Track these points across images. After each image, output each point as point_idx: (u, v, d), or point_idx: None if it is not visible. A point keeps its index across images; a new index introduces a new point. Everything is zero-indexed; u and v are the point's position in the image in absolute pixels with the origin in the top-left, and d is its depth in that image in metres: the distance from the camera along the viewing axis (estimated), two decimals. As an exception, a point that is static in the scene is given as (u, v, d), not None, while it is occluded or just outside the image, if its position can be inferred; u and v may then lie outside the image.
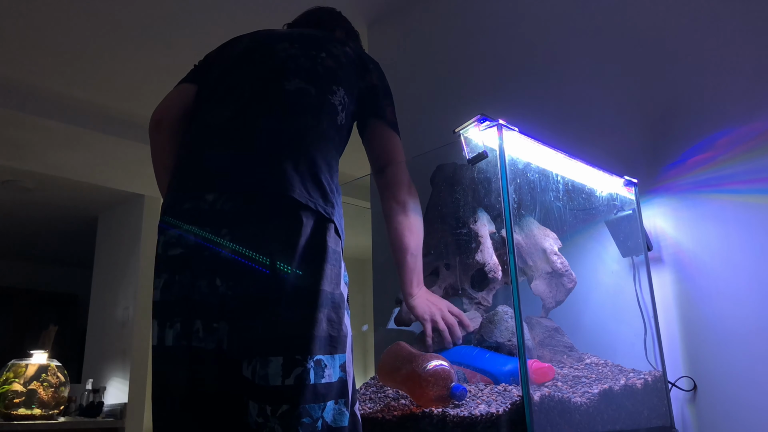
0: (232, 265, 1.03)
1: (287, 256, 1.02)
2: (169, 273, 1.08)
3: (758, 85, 1.50)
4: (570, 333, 1.50)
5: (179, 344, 1.04)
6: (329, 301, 1.04)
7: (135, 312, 4.12)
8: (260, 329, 1.01)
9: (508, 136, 1.27)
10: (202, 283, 1.05)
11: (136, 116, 3.43)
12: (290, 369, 0.98)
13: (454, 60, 2.28)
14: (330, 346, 1.02)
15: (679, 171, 1.60)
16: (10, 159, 3.69)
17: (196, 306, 1.04)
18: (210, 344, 1.03)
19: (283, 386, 0.97)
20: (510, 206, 1.20)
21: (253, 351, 1.00)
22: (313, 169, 1.10)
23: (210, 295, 1.04)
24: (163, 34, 2.66)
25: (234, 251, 1.03)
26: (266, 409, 0.97)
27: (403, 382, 1.28)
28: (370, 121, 1.35)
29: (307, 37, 1.32)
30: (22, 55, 2.80)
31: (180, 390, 1.04)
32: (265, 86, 1.19)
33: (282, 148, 1.10)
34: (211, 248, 1.04)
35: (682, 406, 1.49)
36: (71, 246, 5.60)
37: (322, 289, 1.03)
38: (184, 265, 1.07)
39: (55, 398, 3.48)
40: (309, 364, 0.98)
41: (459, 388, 1.17)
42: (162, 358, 1.07)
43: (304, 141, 1.13)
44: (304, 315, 1.01)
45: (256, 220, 1.05)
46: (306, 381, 0.97)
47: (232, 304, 1.03)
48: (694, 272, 1.54)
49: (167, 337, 1.06)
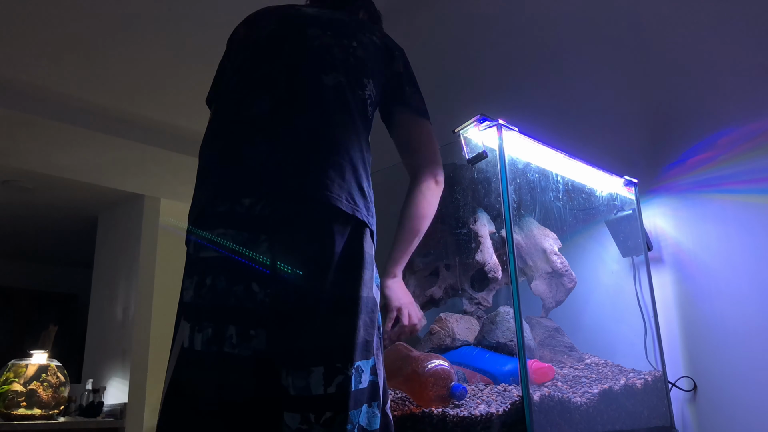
0: (271, 272, 1.01)
1: (327, 263, 1.00)
2: (200, 275, 1.05)
3: (758, 85, 1.50)
4: (570, 333, 1.50)
5: (209, 350, 1.00)
6: (366, 307, 1.02)
7: (135, 312, 4.12)
8: (300, 338, 0.99)
9: (507, 136, 1.27)
10: (238, 288, 1.01)
11: (136, 116, 3.43)
12: (332, 378, 0.96)
13: (454, 60, 2.28)
14: (366, 351, 1.01)
15: (679, 171, 1.60)
16: (10, 159, 3.69)
17: (230, 311, 1.01)
18: (245, 351, 0.99)
19: (325, 395, 0.95)
20: (510, 206, 1.20)
21: (293, 360, 0.98)
22: (355, 175, 1.08)
23: (246, 301, 1.01)
24: (164, 34, 2.66)
25: (273, 258, 1.01)
26: (310, 417, 0.95)
27: (403, 382, 1.28)
28: (395, 109, 1.30)
29: (338, 23, 1.26)
30: (22, 55, 2.80)
31: (206, 396, 1.00)
32: (302, 79, 1.14)
33: (323, 152, 1.07)
34: (249, 253, 1.02)
35: (682, 406, 1.49)
36: (71, 246, 5.60)
37: (361, 295, 1.01)
38: (218, 268, 1.03)
39: (55, 398, 3.48)
40: (350, 372, 0.97)
41: (459, 387, 1.17)
42: (188, 361, 1.03)
43: (344, 144, 1.09)
44: (345, 323, 0.99)
45: (297, 226, 1.02)
46: (348, 389, 0.96)
47: (270, 311, 1.00)
48: (694, 272, 1.54)
49: (196, 341, 1.02)
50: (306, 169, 1.05)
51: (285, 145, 1.07)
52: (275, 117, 1.10)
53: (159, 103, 3.28)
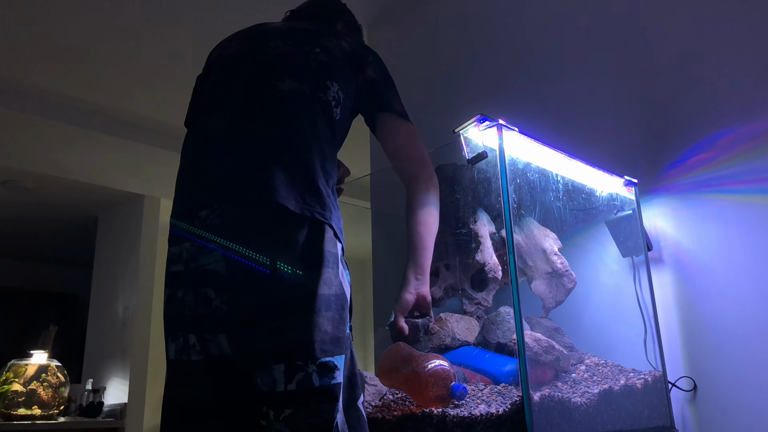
0: (226, 277, 1.04)
1: (281, 263, 1.02)
2: (171, 288, 1.11)
3: (758, 85, 1.50)
4: (570, 333, 1.50)
5: (180, 358, 1.07)
6: (329, 304, 1.04)
7: (135, 312, 4.12)
8: (259, 339, 1.01)
9: (507, 136, 1.27)
10: (190, 297, 1.07)
11: (136, 116, 3.43)
12: (292, 375, 0.98)
13: (454, 60, 2.28)
14: (338, 346, 1.03)
15: (679, 171, 1.60)
16: (10, 159, 3.69)
17: (192, 320, 1.06)
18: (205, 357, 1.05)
19: (285, 392, 0.98)
20: (510, 206, 1.20)
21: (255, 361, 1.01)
22: (310, 175, 1.09)
23: (201, 309, 1.05)
24: (164, 34, 2.66)
25: (227, 264, 1.04)
26: (269, 414, 0.98)
27: (403, 382, 1.28)
28: (377, 116, 1.31)
29: (302, 32, 1.30)
30: (22, 55, 2.80)
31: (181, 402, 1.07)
32: (258, 89, 1.18)
33: (277, 155, 1.09)
34: (202, 262, 1.06)
35: (682, 406, 1.49)
36: (71, 246, 5.60)
37: (320, 293, 1.03)
38: (180, 280, 1.09)
39: (55, 398, 3.48)
40: (310, 368, 0.99)
41: (459, 387, 1.18)
42: (169, 370, 1.11)
43: (299, 145, 1.12)
44: (302, 320, 1.01)
45: (249, 231, 1.05)
46: (310, 385, 0.98)
47: (228, 316, 1.04)
48: (694, 272, 1.54)
49: (170, 351, 1.10)
50: (257, 175, 1.08)
51: (240, 154, 1.11)
52: (233, 128, 1.15)
53: (159, 103, 3.28)
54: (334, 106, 1.20)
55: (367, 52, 1.35)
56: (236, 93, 1.19)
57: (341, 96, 1.23)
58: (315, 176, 1.10)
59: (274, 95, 1.17)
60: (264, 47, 1.25)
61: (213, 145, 1.14)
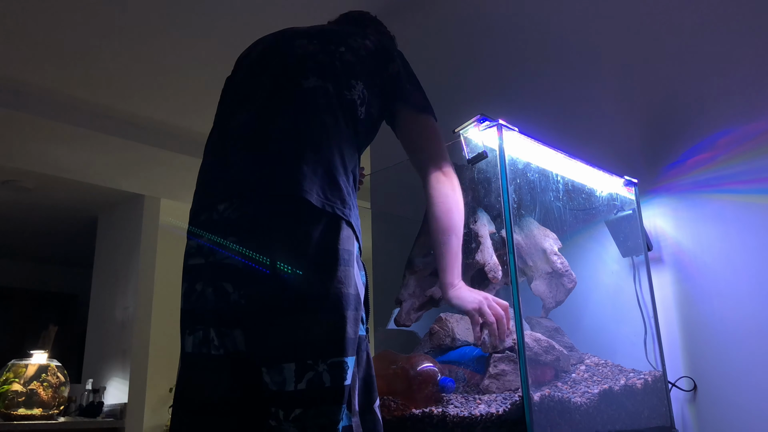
0: (242, 272, 1.03)
1: (297, 260, 1.02)
2: (189, 282, 1.10)
3: (758, 85, 1.50)
4: (570, 333, 1.50)
5: (199, 351, 1.06)
6: (342, 303, 1.02)
7: (135, 312, 4.11)
8: (273, 336, 1.01)
9: (508, 136, 1.27)
10: (209, 290, 1.06)
11: (136, 116, 3.43)
12: (302, 374, 0.98)
13: (454, 60, 2.28)
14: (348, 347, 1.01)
15: (679, 171, 1.60)
16: (10, 159, 3.69)
17: (210, 314, 1.06)
18: (223, 351, 1.04)
19: (295, 391, 0.97)
20: (510, 206, 1.20)
21: (267, 358, 1.01)
22: (331, 171, 1.09)
23: (220, 303, 1.05)
24: (164, 34, 2.66)
25: (244, 258, 1.04)
26: (279, 414, 0.98)
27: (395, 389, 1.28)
28: (396, 107, 1.31)
29: (328, 33, 1.30)
30: (22, 55, 2.80)
31: (194, 396, 1.06)
32: (282, 85, 1.18)
33: (298, 150, 1.09)
34: (220, 256, 1.05)
35: (682, 406, 1.49)
36: (71, 246, 5.60)
37: (333, 292, 1.02)
38: (199, 274, 1.09)
39: (55, 398, 3.48)
40: (321, 368, 0.98)
41: (446, 380, 1.18)
42: (184, 364, 1.10)
43: (321, 141, 1.11)
44: (315, 319, 1.00)
45: (268, 225, 1.04)
46: (320, 384, 0.97)
47: (244, 311, 1.03)
48: (694, 272, 1.54)
49: (187, 344, 1.09)
50: (277, 169, 1.08)
51: (262, 150, 1.11)
52: (256, 125, 1.15)
53: (159, 103, 3.28)
54: (359, 105, 1.20)
55: (393, 48, 1.36)
56: (261, 90, 1.20)
57: (366, 95, 1.22)
58: (336, 172, 1.10)
59: (297, 92, 1.17)
60: (290, 46, 1.26)
61: (235, 141, 1.15)
